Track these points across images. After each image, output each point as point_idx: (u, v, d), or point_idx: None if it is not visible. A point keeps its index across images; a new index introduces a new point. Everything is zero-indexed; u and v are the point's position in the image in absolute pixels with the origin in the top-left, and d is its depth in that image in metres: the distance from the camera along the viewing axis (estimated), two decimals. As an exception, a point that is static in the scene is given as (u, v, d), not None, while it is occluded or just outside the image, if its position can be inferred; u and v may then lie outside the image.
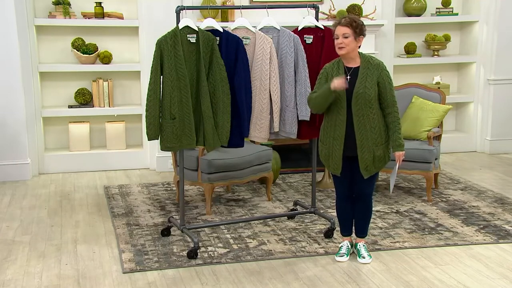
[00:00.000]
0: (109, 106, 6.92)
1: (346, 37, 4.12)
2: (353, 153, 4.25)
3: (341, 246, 4.54)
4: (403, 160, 5.72)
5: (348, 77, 4.19)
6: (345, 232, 4.56)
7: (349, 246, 4.53)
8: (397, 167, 4.35)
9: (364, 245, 4.52)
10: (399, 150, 4.26)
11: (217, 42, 4.53)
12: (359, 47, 4.23)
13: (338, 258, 4.47)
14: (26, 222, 5.29)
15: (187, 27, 4.46)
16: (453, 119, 8.01)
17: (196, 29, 4.49)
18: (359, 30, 4.14)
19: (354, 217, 4.53)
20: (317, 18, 5.00)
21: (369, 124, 4.18)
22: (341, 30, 4.13)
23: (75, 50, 6.72)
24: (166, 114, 4.47)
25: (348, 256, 4.48)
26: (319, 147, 4.43)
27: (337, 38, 4.15)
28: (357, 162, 4.27)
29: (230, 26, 4.76)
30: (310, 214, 5.34)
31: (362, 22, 4.20)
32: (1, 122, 6.47)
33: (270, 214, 5.42)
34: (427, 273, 4.27)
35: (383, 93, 4.19)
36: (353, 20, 4.15)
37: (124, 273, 4.28)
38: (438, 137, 6.05)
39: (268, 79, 4.71)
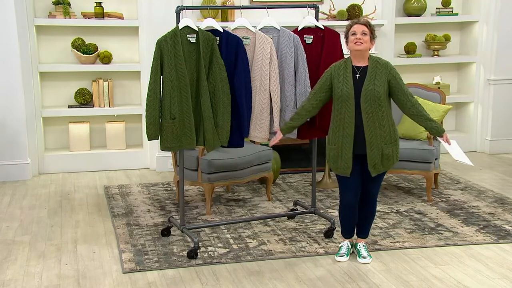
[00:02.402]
0: (109, 106, 6.92)
1: (365, 34, 4.19)
2: (362, 151, 4.25)
3: (341, 246, 4.54)
4: (403, 160, 5.78)
5: (357, 75, 4.21)
6: (347, 235, 4.55)
7: (349, 246, 4.53)
8: (455, 144, 4.36)
9: (364, 245, 4.53)
10: (444, 131, 4.30)
11: (217, 42, 4.53)
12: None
13: (338, 258, 4.47)
14: (26, 222, 5.29)
15: (187, 27, 4.46)
16: (453, 119, 8.01)
17: (196, 29, 4.49)
18: (374, 34, 4.24)
19: (358, 217, 4.52)
20: (317, 18, 5.00)
21: (378, 121, 4.19)
22: (360, 28, 4.20)
23: (75, 50, 6.72)
24: (166, 114, 4.47)
25: (348, 256, 4.48)
26: (326, 150, 4.39)
27: (354, 34, 4.19)
28: (366, 160, 4.27)
29: (230, 26, 4.76)
30: (310, 214, 5.34)
31: None
32: (1, 122, 6.47)
33: (270, 214, 5.42)
34: (427, 273, 4.28)
35: (399, 89, 4.22)
36: (370, 22, 4.26)
37: (124, 273, 4.28)
38: (438, 137, 6.04)
39: (268, 79, 4.71)
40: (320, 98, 4.35)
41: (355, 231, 4.57)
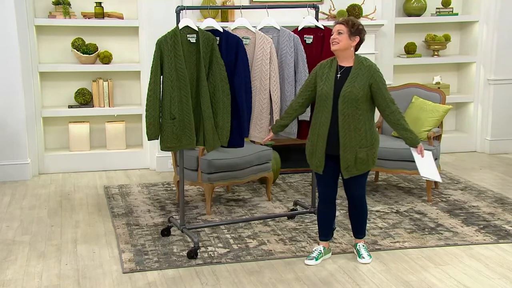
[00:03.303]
0: (109, 106, 6.92)
1: (340, 33, 4.14)
2: (336, 152, 4.21)
3: (314, 249, 4.48)
4: (403, 160, 5.77)
5: (338, 75, 4.18)
6: (323, 237, 4.50)
7: (321, 251, 4.45)
8: (429, 156, 4.29)
9: (364, 245, 4.52)
10: (419, 143, 4.25)
11: (217, 42, 4.53)
12: (356, 49, 4.21)
13: (307, 261, 4.41)
14: (26, 222, 5.29)
15: (187, 27, 4.47)
16: (453, 119, 8.01)
17: (196, 29, 4.49)
18: (354, 30, 4.14)
19: (350, 219, 4.52)
20: (317, 18, 5.01)
21: (353, 124, 4.14)
22: (336, 28, 4.17)
23: (75, 50, 6.72)
24: (166, 114, 4.47)
25: (318, 261, 4.40)
26: (306, 144, 4.41)
27: (332, 35, 4.18)
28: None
29: (230, 26, 4.76)
30: (310, 214, 5.34)
31: (361, 25, 4.19)
32: (1, 122, 6.47)
33: (270, 214, 5.42)
34: (427, 273, 4.27)
35: (379, 94, 4.15)
36: (350, 20, 4.18)
37: (124, 273, 4.28)
38: (438, 137, 6.05)
39: (268, 79, 4.71)
40: (306, 96, 4.34)
41: (352, 232, 4.55)
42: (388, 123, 4.24)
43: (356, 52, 4.25)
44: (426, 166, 4.30)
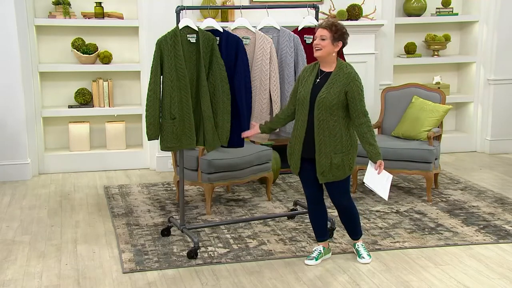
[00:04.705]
0: (109, 106, 6.92)
1: (323, 39, 4.07)
2: (312, 155, 4.20)
3: (314, 249, 4.48)
4: (403, 160, 5.77)
5: (318, 80, 4.15)
6: (319, 238, 4.49)
7: (321, 251, 4.45)
8: (388, 178, 4.22)
9: (363, 245, 4.52)
10: (379, 159, 4.17)
11: (217, 42, 4.53)
12: (340, 54, 4.16)
13: (306, 261, 4.41)
14: (26, 222, 5.29)
15: (187, 27, 4.47)
16: (453, 119, 8.01)
17: (196, 29, 4.49)
18: (338, 35, 4.07)
19: (341, 222, 4.50)
20: (317, 18, 5.01)
21: (328, 130, 4.11)
22: (319, 32, 4.10)
23: (75, 50, 6.72)
24: (166, 114, 4.48)
25: (318, 261, 4.40)
26: (287, 145, 4.41)
27: (315, 40, 4.11)
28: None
29: (230, 26, 4.77)
30: (310, 214, 5.34)
31: (345, 29, 4.11)
32: (1, 122, 6.47)
33: (270, 214, 5.42)
34: (427, 273, 4.28)
35: (353, 103, 4.09)
36: (334, 24, 4.09)
37: (124, 273, 4.28)
38: (438, 137, 6.05)
39: (268, 79, 4.71)
40: (296, 103, 4.28)
41: (348, 234, 4.54)
42: (356, 133, 4.19)
43: (344, 54, 4.22)
44: (377, 181, 4.22)
